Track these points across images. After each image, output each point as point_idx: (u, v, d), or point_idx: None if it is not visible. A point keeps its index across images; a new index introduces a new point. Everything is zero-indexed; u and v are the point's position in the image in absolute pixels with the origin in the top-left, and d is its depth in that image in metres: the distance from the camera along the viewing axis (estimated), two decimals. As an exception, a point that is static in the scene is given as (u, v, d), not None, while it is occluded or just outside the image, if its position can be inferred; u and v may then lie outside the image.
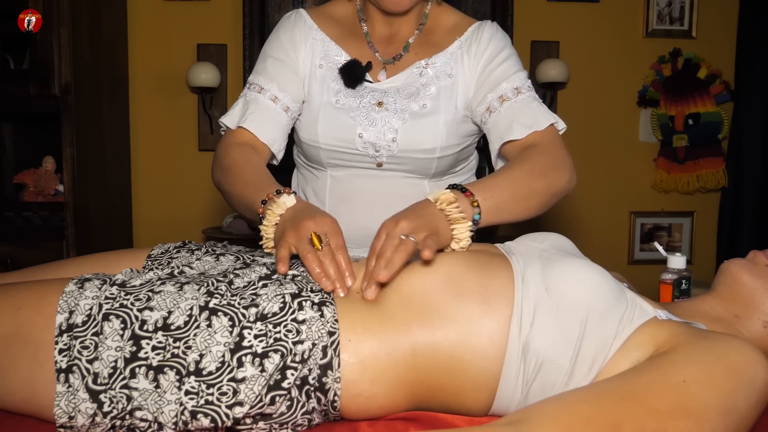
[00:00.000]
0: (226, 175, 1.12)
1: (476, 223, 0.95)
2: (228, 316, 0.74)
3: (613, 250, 2.93)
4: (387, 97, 1.20)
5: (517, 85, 1.17)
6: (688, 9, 2.85)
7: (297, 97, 1.22)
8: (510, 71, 1.19)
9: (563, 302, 0.76)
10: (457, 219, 0.90)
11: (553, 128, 1.15)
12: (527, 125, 1.13)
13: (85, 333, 0.73)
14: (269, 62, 1.23)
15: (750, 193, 2.80)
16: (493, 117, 1.17)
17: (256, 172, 1.09)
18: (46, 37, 2.16)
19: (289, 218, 0.92)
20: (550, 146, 1.12)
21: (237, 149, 1.16)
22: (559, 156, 1.11)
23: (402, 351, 0.76)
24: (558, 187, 1.09)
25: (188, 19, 2.74)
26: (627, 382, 0.69)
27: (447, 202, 0.91)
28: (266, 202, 0.97)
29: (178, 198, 2.80)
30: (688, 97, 2.82)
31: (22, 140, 2.57)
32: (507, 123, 1.14)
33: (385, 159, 1.20)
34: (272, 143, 1.19)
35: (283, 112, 1.20)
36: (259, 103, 1.20)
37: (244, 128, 1.18)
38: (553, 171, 1.09)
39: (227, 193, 1.13)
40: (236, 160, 1.13)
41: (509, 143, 1.14)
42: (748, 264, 0.89)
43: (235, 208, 1.13)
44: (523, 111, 1.15)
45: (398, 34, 1.25)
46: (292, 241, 0.87)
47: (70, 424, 0.71)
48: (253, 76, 1.24)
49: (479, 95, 1.19)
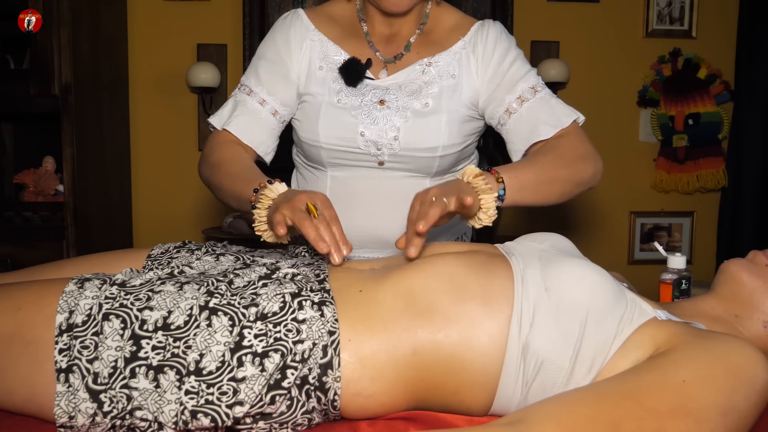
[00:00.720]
0: (215, 172, 1.15)
1: (501, 198, 1.00)
2: (228, 316, 0.74)
3: (613, 250, 2.93)
4: (389, 95, 1.19)
5: (533, 84, 1.20)
6: (688, 9, 2.85)
7: (286, 100, 1.23)
8: (522, 71, 1.21)
9: (563, 302, 0.76)
10: (485, 189, 0.95)
11: (576, 124, 1.19)
12: (552, 124, 1.17)
13: (85, 333, 0.73)
14: (261, 64, 1.24)
15: (750, 193, 2.80)
16: (513, 118, 1.19)
17: (246, 168, 1.12)
18: (46, 37, 2.16)
19: (281, 199, 0.94)
20: (576, 140, 1.16)
21: (225, 147, 1.19)
22: (584, 149, 1.16)
23: (402, 350, 0.76)
24: (582, 178, 1.13)
25: (188, 19, 2.74)
26: (627, 382, 0.69)
27: (473, 175, 0.97)
28: (258, 191, 0.99)
29: (178, 198, 2.80)
30: (688, 97, 2.82)
31: (22, 140, 2.57)
32: (531, 124, 1.18)
33: (386, 157, 1.20)
34: (257, 146, 1.22)
35: (271, 115, 1.22)
36: (247, 106, 1.22)
37: (228, 131, 1.21)
38: (578, 162, 1.13)
39: (217, 187, 1.15)
40: (224, 158, 1.16)
41: (535, 144, 1.18)
42: (748, 264, 0.89)
43: (226, 201, 1.15)
44: (544, 110, 1.18)
45: (399, 33, 1.25)
46: (287, 213, 0.88)
47: (70, 423, 0.72)
48: (245, 77, 1.26)
49: (496, 97, 1.21)
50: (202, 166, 1.21)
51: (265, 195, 0.96)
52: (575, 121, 1.19)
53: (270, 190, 0.97)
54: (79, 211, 2.25)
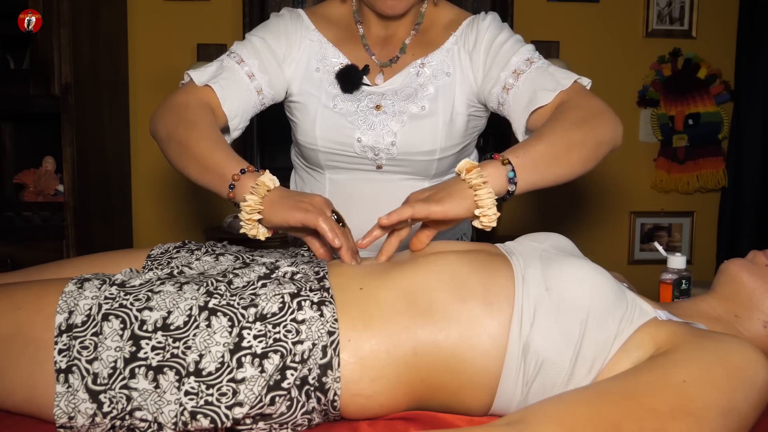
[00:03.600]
0: (188, 130, 1.04)
1: (513, 181, 0.90)
2: (227, 317, 0.74)
3: (613, 250, 2.92)
4: (385, 100, 1.18)
5: (528, 57, 1.12)
6: (688, 9, 2.85)
7: (274, 84, 1.18)
8: (516, 46, 1.14)
9: (563, 302, 0.76)
10: (477, 185, 0.87)
11: (578, 84, 1.09)
12: (551, 88, 1.07)
13: (85, 333, 0.73)
14: (258, 41, 1.19)
15: (750, 193, 2.80)
16: (512, 93, 1.11)
17: (224, 143, 1.04)
18: (46, 37, 2.16)
19: (286, 194, 0.93)
20: (582, 99, 1.05)
21: (205, 109, 1.08)
22: (594, 106, 1.04)
23: (402, 350, 0.76)
24: (600, 136, 1.00)
25: (188, 19, 2.74)
26: (627, 382, 0.69)
27: (466, 170, 0.89)
28: (246, 173, 0.96)
29: (178, 198, 2.79)
30: (688, 97, 2.81)
31: (22, 140, 2.57)
32: (529, 94, 1.09)
33: (384, 162, 1.20)
34: (232, 117, 1.13)
35: (255, 92, 1.16)
36: (235, 74, 1.14)
37: (210, 88, 1.11)
38: (591, 120, 1.00)
39: (181, 145, 1.03)
40: (202, 119, 1.06)
41: (537, 112, 1.08)
42: (748, 264, 0.89)
43: (183, 164, 1.05)
44: (542, 77, 1.09)
45: (394, 35, 1.24)
46: (312, 210, 0.90)
47: (69, 424, 0.71)
48: (237, 46, 1.18)
49: (491, 77, 1.14)
50: (165, 113, 1.08)
51: (263, 183, 0.93)
52: (577, 82, 1.09)
53: (269, 179, 0.94)
54: (79, 211, 2.25)
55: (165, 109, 1.10)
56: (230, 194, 0.96)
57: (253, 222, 0.93)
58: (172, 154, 1.06)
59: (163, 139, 1.08)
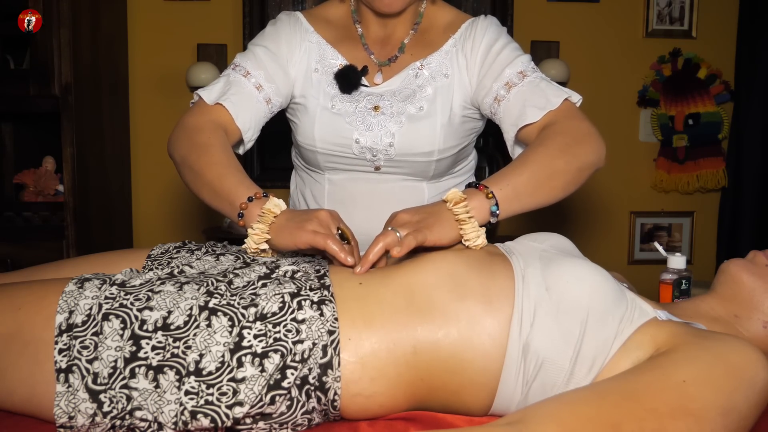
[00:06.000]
0: (200, 154, 1.05)
1: (495, 215, 0.93)
2: (227, 316, 0.74)
3: (613, 250, 2.92)
4: (383, 101, 1.18)
5: (521, 69, 1.13)
6: (688, 9, 2.85)
7: (281, 91, 1.19)
8: (511, 57, 1.15)
9: (563, 302, 0.76)
10: (463, 219, 0.90)
11: (568, 103, 1.10)
12: (540, 106, 1.08)
13: (85, 333, 0.73)
14: (260, 50, 1.19)
15: (750, 193, 2.80)
16: (502, 105, 1.13)
17: (237, 167, 1.04)
18: (46, 37, 2.16)
19: (291, 216, 0.93)
20: (568, 121, 1.07)
21: (217, 131, 1.09)
22: (580, 129, 1.06)
23: (403, 349, 0.76)
24: (582, 162, 1.03)
25: (188, 19, 2.74)
26: (627, 382, 0.69)
27: (454, 202, 0.91)
28: (252, 200, 0.96)
29: (178, 198, 2.79)
30: (688, 97, 2.81)
31: (22, 140, 2.57)
32: (519, 108, 1.10)
33: (382, 163, 1.20)
34: (246, 130, 1.14)
35: (264, 102, 1.17)
36: (243, 87, 1.15)
37: (222, 106, 1.12)
38: (575, 146, 1.03)
39: (193, 171, 1.04)
40: (215, 142, 1.06)
41: (525, 129, 1.10)
42: (748, 264, 0.89)
43: (196, 188, 1.05)
44: (533, 93, 1.11)
45: (393, 35, 1.24)
46: (320, 230, 0.89)
47: (70, 424, 0.71)
48: (241, 59, 1.19)
49: (484, 86, 1.16)
50: (180, 137, 1.09)
51: (269, 211, 0.93)
52: (568, 100, 1.10)
53: (274, 206, 0.94)
54: (79, 211, 2.25)
55: (179, 132, 1.11)
56: (240, 222, 0.97)
57: (257, 247, 0.93)
58: (187, 179, 1.08)
59: (178, 163, 1.09)
